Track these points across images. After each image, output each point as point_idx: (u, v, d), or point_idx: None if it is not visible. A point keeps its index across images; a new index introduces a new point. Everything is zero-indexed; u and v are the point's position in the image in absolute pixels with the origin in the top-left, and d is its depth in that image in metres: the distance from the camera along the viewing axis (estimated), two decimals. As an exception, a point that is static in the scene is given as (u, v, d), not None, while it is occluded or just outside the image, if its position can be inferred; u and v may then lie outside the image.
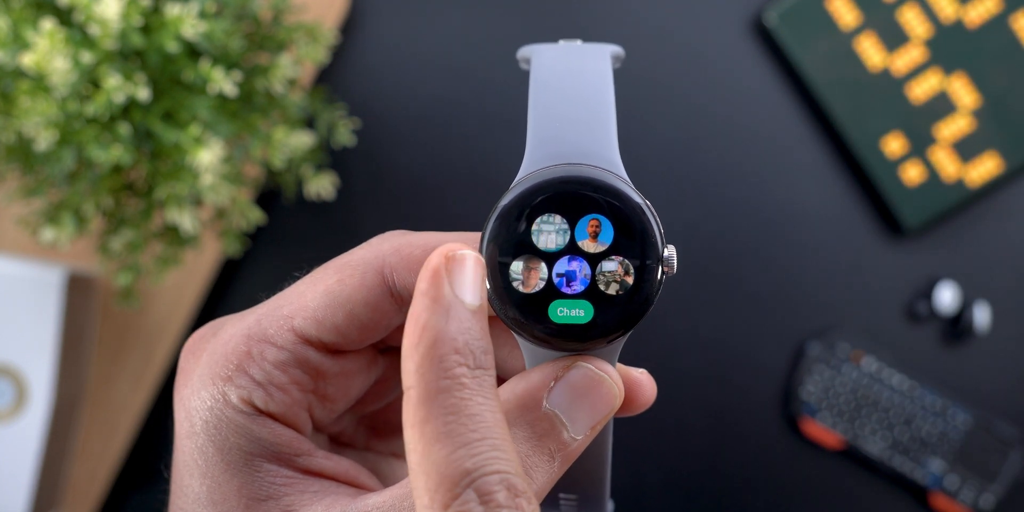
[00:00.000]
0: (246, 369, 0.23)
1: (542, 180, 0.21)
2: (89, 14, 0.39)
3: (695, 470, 0.59)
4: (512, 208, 0.21)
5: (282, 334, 0.23)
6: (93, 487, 0.57)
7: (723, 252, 0.59)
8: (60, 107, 0.41)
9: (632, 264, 0.21)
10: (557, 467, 0.22)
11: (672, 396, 0.59)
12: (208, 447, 0.23)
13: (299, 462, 0.23)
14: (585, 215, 0.21)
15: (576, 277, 0.21)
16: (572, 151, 0.22)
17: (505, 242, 0.21)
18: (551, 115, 0.23)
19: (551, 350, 0.22)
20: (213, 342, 0.24)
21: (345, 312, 0.23)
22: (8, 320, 0.52)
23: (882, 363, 0.59)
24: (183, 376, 0.24)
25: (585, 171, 0.22)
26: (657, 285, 0.21)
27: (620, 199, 0.21)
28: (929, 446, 0.59)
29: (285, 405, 0.23)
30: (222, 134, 0.43)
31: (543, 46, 0.25)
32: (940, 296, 0.59)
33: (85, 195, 0.45)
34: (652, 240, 0.21)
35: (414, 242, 0.23)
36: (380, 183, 0.59)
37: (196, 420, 0.23)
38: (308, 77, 0.57)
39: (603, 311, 0.21)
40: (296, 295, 0.24)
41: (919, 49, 0.58)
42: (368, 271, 0.23)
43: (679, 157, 0.59)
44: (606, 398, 0.22)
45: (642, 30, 0.59)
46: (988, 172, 0.58)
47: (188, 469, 0.23)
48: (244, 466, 0.22)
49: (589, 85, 0.23)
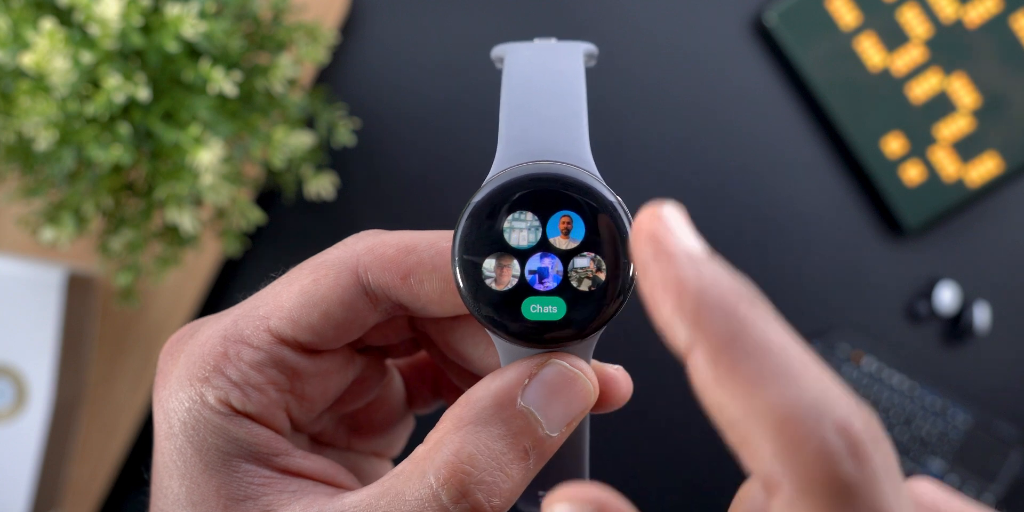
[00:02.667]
0: (223, 370, 0.23)
1: (513, 177, 0.22)
2: (89, 14, 0.39)
3: (695, 470, 0.59)
4: (483, 206, 0.22)
5: (258, 334, 0.23)
6: (93, 487, 0.57)
7: (723, 252, 0.59)
8: (60, 107, 0.41)
9: (604, 260, 0.21)
10: (533, 464, 0.22)
11: (672, 396, 0.59)
12: (186, 448, 0.23)
13: (277, 462, 0.23)
14: (556, 212, 0.21)
15: (548, 274, 0.21)
16: (543, 148, 0.22)
17: (477, 240, 0.21)
18: (522, 113, 0.23)
19: (525, 347, 0.22)
20: (190, 343, 0.24)
21: (320, 312, 0.23)
22: (8, 320, 0.52)
23: (882, 363, 0.59)
24: (161, 377, 0.24)
25: (556, 168, 0.22)
26: (629, 281, 0.21)
27: (591, 195, 0.21)
28: (929, 446, 0.59)
29: (262, 405, 0.23)
30: (222, 134, 0.43)
31: (516, 45, 0.25)
32: (940, 296, 0.59)
33: (85, 195, 0.45)
34: (623, 236, 0.21)
35: (387, 241, 0.23)
36: (380, 183, 0.59)
37: (174, 421, 0.23)
38: (308, 77, 0.57)
39: (576, 307, 0.21)
40: (272, 295, 0.24)
41: (919, 49, 0.58)
42: (343, 270, 0.23)
43: (679, 157, 0.59)
44: (580, 395, 0.22)
45: (642, 30, 0.59)
46: (988, 172, 0.58)
47: (167, 470, 0.23)
48: (222, 466, 0.23)
49: (560, 83, 0.23)
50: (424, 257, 0.23)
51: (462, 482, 0.21)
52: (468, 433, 0.21)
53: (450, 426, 0.22)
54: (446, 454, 0.21)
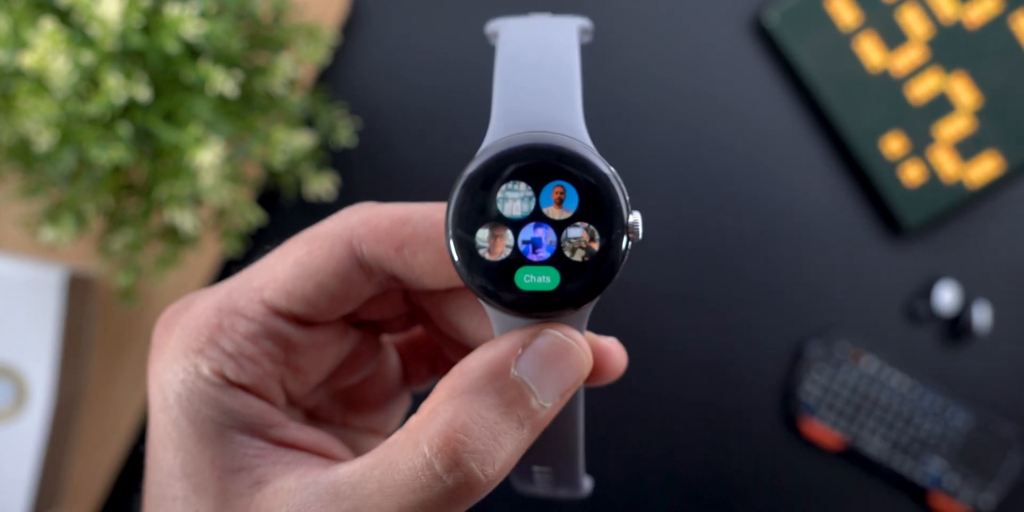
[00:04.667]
0: (217, 341, 0.23)
1: (506, 148, 0.21)
2: (89, 14, 0.39)
3: (694, 470, 0.59)
4: (477, 176, 0.21)
5: (252, 306, 0.23)
6: (93, 487, 0.57)
7: (723, 252, 0.59)
8: (60, 107, 0.41)
9: (597, 230, 0.21)
10: (527, 434, 0.22)
11: (672, 395, 0.59)
12: (181, 419, 0.23)
13: (271, 433, 0.23)
14: (549, 182, 0.21)
15: (542, 244, 0.21)
16: (536, 120, 0.22)
17: (471, 210, 0.21)
18: (516, 86, 0.23)
19: (519, 318, 0.22)
20: (185, 316, 0.24)
21: (314, 283, 0.23)
22: (8, 320, 0.52)
23: (882, 363, 0.59)
24: (156, 351, 0.24)
25: (549, 138, 0.22)
26: (623, 251, 0.21)
27: (584, 166, 0.21)
28: (929, 446, 0.59)
29: (257, 377, 0.23)
30: (222, 134, 0.43)
31: (510, 20, 0.25)
32: (940, 296, 0.59)
33: (85, 195, 0.45)
34: (617, 206, 0.21)
35: (382, 213, 0.23)
36: (380, 183, 0.59)
37: (169, 393, 0.23)
38: (308, 77, 0.57)
39: (569, 278, 0.21)
40: (266, 268, 0.24)
41: (919, 49, 0.58)
42: (337, 242, 0.23)
43: (679, 157, 0.59)
44: (574, 365, 0.22)
45: (642, 30, 0.59)
46: (988, 172, 0.58)
47: (162, 442, 0.23)
48: (217, 438, 0.23)
49: (554, 57, 0.23)
50: (418, 228, 0.23)
51: (456, 451, 0.21)
52: (462, 402, 0.21)
53: (443, 396, 0.22)
54: (439, 423, 0.21)
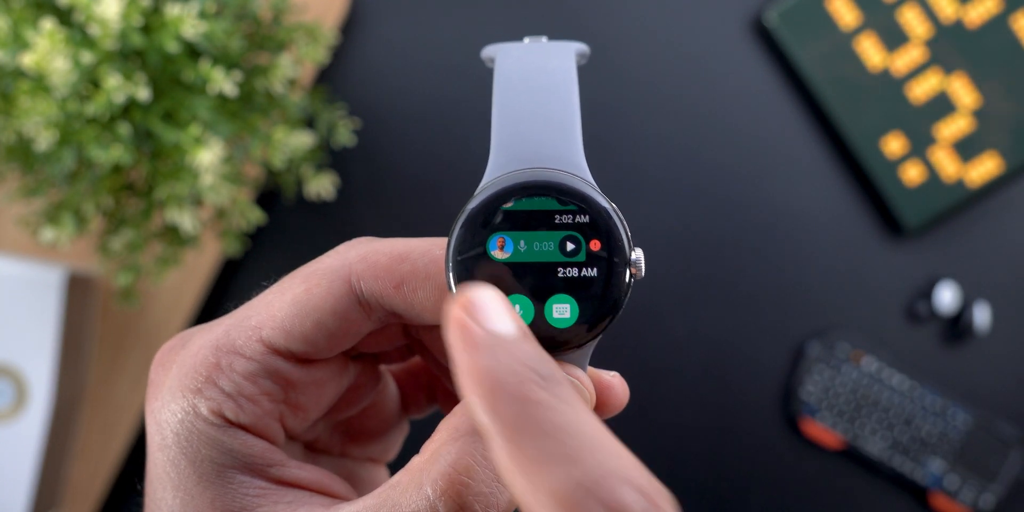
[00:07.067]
0: (215, 381, 0.23)
1: (506, 185, 0.22)
2: (89, 14, 0.39)
3: (695, 470, 0.59)
4: (477, 214, 0.22)
5: (250, 345, 0.23)
6: (93, 487, 0.57)
7: (723, 252, 0.59)
8: (60, 107, 0.41)
9: (599, 268, 0.21)
10: None
11: (672, 396, 0.59)
12: (180, 459, 0.22)
13: (272, 473, 0.23)
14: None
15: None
16: (536, 154, 0.22)
17: (471, 248, 0.21)
18: (514, 116, 0.23)
19: None
20: (182, 354, 0.23)
21: (313, 321, 0.23)
22: (8, 320, 0.52)
23: (882, 363, 0.59)
24: (153, 388, 0.24)
25: (549, 175, 0.22)
26: (625, 288, 0.21)
27: (586, 203, 0.21)
28: (929, 446, 0.59)
29: (256, 416, 0.23)
30: (222, 134, 0.43)
31: (507, 45, 0.25)
32: (940, 296, 0.59)
33: (85, 195, 0.45)
34: (619, 243, 0.21)
35: (380, 249, 0.23)
36: (380, 183, 0.59)
37: (167, 432, 0.23)
38: (308, 77, 0.57)
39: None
40: (264, 305, 0.24)
41: (919, 49, 0.58)
42: (335, 279, 0.23)
43: (679, 157, 0.59)
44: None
45: (642, 30, 0.59)
46: (988, 172, 0.58)
47: (161, 482, 0.23)
48: (216, 478, 0.22)
49: (552, 85, 0.23)
50: (418, 265, 0.23)
51: (460, 494, 0.20)
52: (465, 444, 0.21)
53: (446, 436, 0.21)
54: (443, 465, 0.21)
